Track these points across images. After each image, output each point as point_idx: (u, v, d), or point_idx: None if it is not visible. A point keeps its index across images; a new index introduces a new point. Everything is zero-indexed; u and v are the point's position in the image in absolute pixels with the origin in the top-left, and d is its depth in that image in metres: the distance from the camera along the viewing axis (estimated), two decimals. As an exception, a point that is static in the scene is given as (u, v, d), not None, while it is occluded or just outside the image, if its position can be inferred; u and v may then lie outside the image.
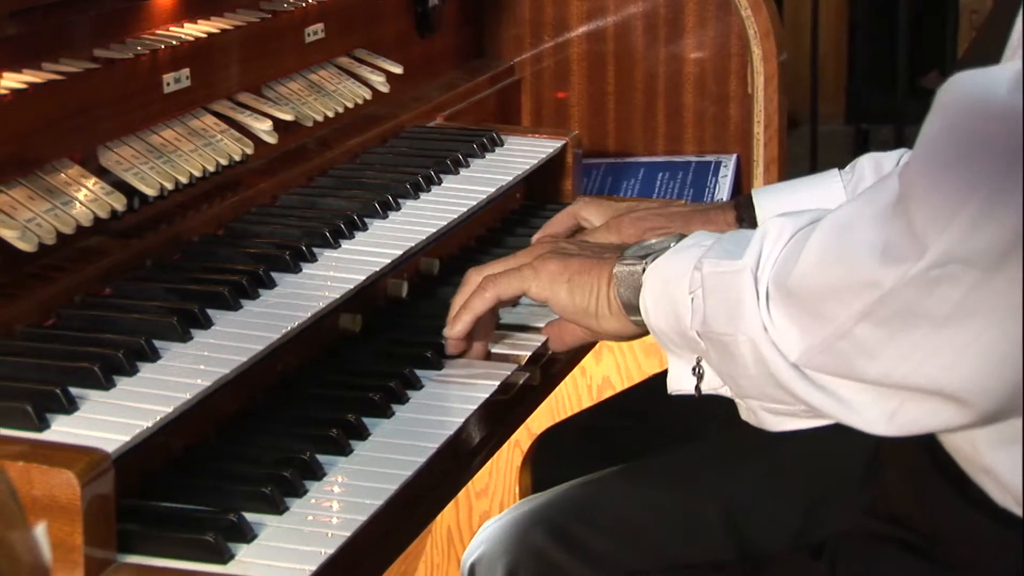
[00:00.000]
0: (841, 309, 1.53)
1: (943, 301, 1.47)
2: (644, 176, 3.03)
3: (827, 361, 1.57)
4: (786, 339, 1.59)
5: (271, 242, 2.10)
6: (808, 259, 1.58)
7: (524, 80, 3.08)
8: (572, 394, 2.82)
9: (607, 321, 1.85)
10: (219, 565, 1.53)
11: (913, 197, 1.50)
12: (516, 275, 1.90)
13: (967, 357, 1.48)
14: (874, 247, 1.52)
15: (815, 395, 1.59)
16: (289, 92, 2.41)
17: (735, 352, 1.65)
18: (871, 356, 1.53)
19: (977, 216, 1.45)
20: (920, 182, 1.50)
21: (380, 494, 1.66)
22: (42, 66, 1.97)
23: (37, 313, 1.84)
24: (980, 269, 1.46)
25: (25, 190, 1.89)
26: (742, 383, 1.67)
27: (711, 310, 1.67)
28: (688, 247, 1.75)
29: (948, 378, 1.50)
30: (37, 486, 1.47)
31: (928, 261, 1.47)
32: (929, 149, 1.51)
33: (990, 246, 1.45)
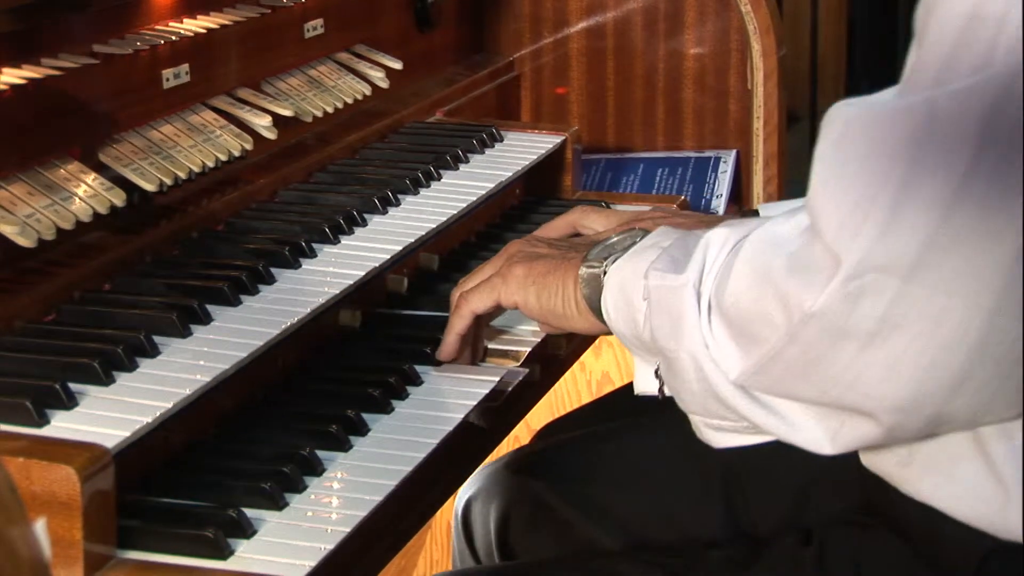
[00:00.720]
0: (771, 331, 1.54)
1: (867, 316, 1.47)
2: (644, 172, 3.03)
3: (764, 381, 1.57)
4: (727, 357, 1.59)
5: (270, 238, 2.10)
6: (737, 279, 1.58)
7: (524, 76, 3.08)
8: (572, 390, 2.82)
9: (576, 321, 1.86)
10: (219, 561, 1.53)
11: (820, 216, 1.50)
12: (486, 287, 1.92)
13: (900, 370, 1.48)
14: (793, 268, 1.52)
15: (758, 413, 1.60)
16: (288, 88, 2.41)
17: (678, 368, 1.65)
18: (804, 377, 1.54)
19: (885, 221, 1.46)
20: (821, 201, 1.51)
21: (380, 490, 1.66)
22: (41, 62, 1.97)
23: (37, 309, 1.84)
24: (898, 277, 1.46)
25: (24, 186, 1.89)
26: (685, 398, 1.68)
27: (656, 323, 1.67)
28: (646, 248, 1.74)
29: (884, 394, 1.50)
30: (37, 482, 1.47)
31: (844, 274, 1.47)
32: (824, 167, 1.52)
33: (903, 250, 1.46)
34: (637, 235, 1.80)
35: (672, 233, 1.76)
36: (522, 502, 2.09)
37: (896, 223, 1.46)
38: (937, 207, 1.45)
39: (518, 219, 2.54)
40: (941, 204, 1.45)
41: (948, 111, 1.46)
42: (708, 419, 1.67)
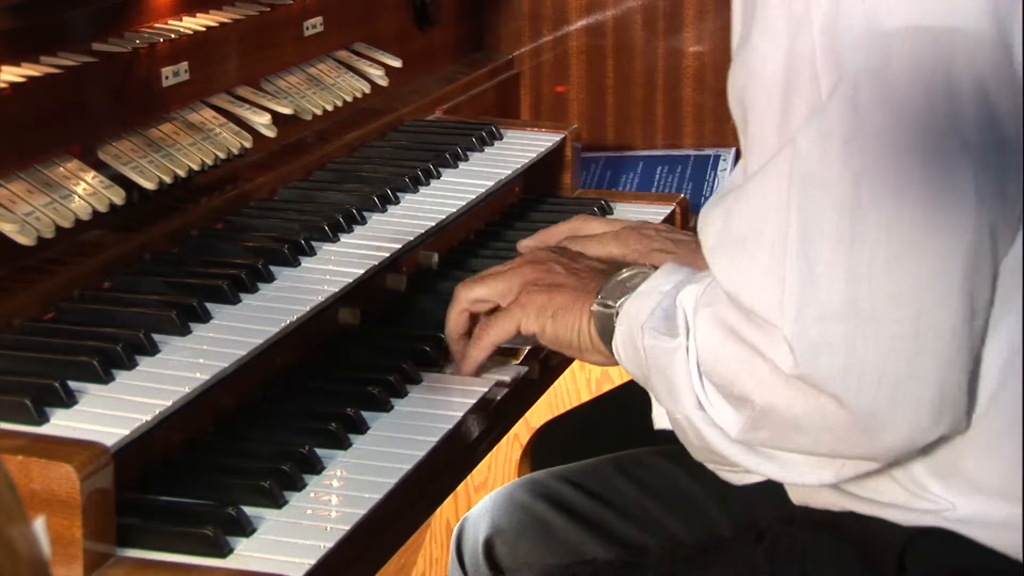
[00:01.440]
0: (758, 387, 1.56)
1: (830, 370, 1.50)
2: (643, 169, 3.03)
3: (763, 436, 1.59)
4: (724, 417, 1.61)
5: (270, 236, 2.10)
6: (706, 345, 1.61)
7: (523, 74, 3.08)
8: (571, 388, 2.82)
9: (590, 355, 1.87)
10: (218, 559, 1.53)
11: (736, 295, 1.55)
12: (507, 318, 1.91)
13: (882, 417, 1.51)
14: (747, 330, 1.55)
15: (762, 465, 1.62)
16: (288, 86, 2.41)
17: (678, 428, 1.67)
18: (797, 430, 1.56)
19: (801, 274, 1.49)
20: (731, 284, 1.56)
21: (379, 488, 1.66)
22: (40, 60, 1.97)
23: (36, 307, 1.84)
24: (839, 322, 1.49)
25: (23, 184, 1.88)
26: (692, 452, 1.70)
27: (654, 384, 1.69)
28: (650, 291, 1.75)
29: (876, 440, 1.53)
30: (36, 480, 1.47)
31: (791, 337, 1.50)
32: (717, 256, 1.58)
33: (830, 292, 1.49)
34: (648, 272, 1.80)
35: (673, 274, 1.75)
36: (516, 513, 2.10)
37: (813, 272, 1.49)
38: (843, 241, 1.48)
39: (518, 217, 2.54)
40: (845, 237, 1.48)
41: (809, 148, 1.49)
42: (719, 467, 1.69)
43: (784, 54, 1.51)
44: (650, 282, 1.77)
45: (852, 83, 1.48)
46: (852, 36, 1.48)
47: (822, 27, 1.49)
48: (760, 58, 1.54)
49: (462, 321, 1.97)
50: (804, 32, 1.50)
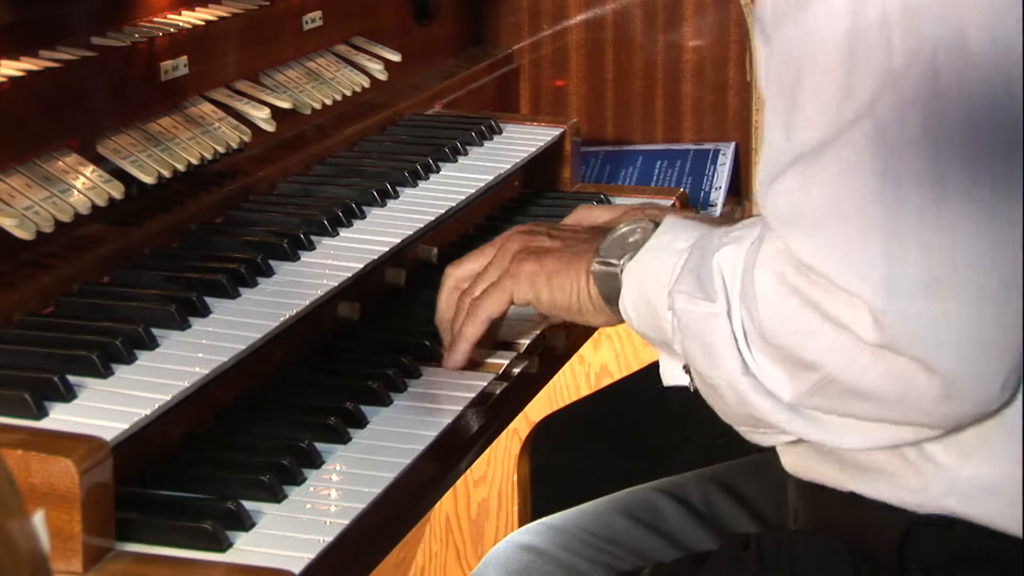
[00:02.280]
0: (828, 354, 1.53)
1: (912, 340, 1.48)
2: (642, 164, 3.03)
3: (822, 402, 1.57)
4: (775, 383, 1.58)
5: (269, 230, 2.10)
6: (768, 312, 1.57)
7: (522, 68, 3.08)
8: (570, 382, 2.82)
9: (592, 316, 1.84)
10: (217, 553, 1.53)
11: (818, 267, 1.52)
12: (498, 289, 1.89)
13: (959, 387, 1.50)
14: (826, 296, 1.52)
15: (809, 429, 1.60)
16: (287, 80, 2.41)
17: (716, 391, 1.64)
18: (863, 398, 1.55)
19: (886, 247, 1.48)
20: (813, 255, 1.52)
21: (378, 482, 1.66)
22: (39, 54, 1.97)
23: (35, 301, 1.83)
24: (924, 297, 1.48)
25: (23, 178, 1.88)
26: (727, 416, 1.67)
27: (690, 348, 1.65)
28: (661, 247, 1.72)
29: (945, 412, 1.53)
30: (35, 474, 1.47)
31: (877, 311, 1.48)
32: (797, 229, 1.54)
33: (916, 269, 1.47)
34: (648, 227, 1.77)
35: (683, 231, 1.73)
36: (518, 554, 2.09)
37: (898, 244, 1.47)
38: (927, 213, 1.47)
39: (517, 211, 2.54)
40: (929, 209, 1.47)
41: (888, 115, 1.48)
42: (754, 429, 1.67)
43: (850, 18, 1.49)
44: (659, 238, 1.74)
45: (931, 52, 1.46)
46: (928, 5, 1.47)
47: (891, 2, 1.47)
48: (821, 20, 1.50)
49: (453, 301, 1.95)
50: (870, 2, 1.48)
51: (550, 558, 2.06)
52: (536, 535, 2.11)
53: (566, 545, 2.08)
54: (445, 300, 1.96)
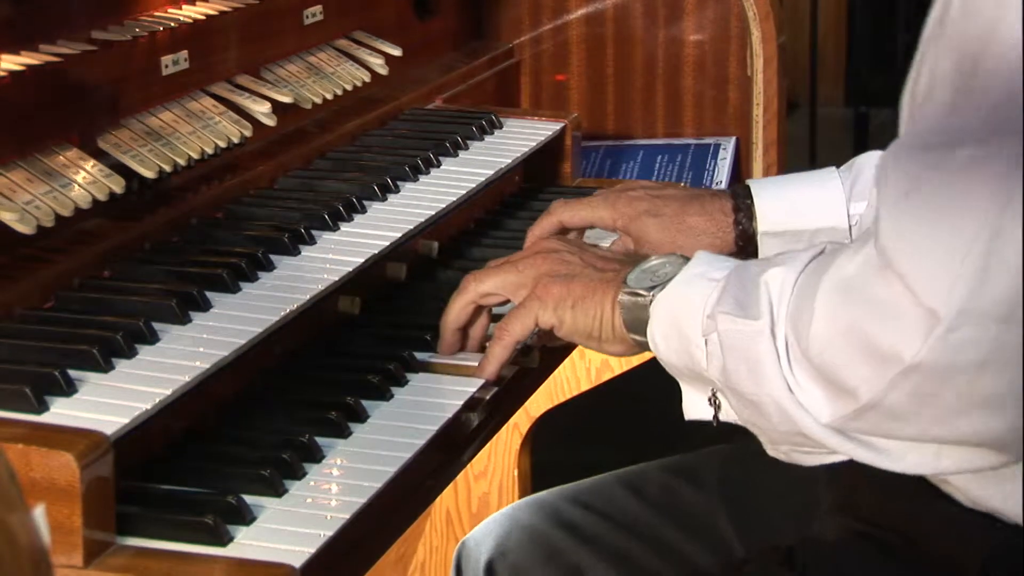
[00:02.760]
0: (864, 382, 1.52)
1: (967, 363, 1.47)
2: (643, 159, 3.03)
3: (861, 426, 1.56)
4: (815, 402, 1.57)
5: (270, 225, 2.10)
6: (819, 328, 1.56)
7: (523, 62, 3.08)
8: (571, 377, 2.82)
9: (611, 345, 1.84)
10: (218, 547, 1.53)
11: (907, 272, 1.49)
12: (525, 312, 1.87)
13: (1000, 409, 1.48)
14: (883, 319, 1.50)
15: (852, 449, 1.59)
16: (288, 74, 2.41)
17: (760, 410, 1.63)
18: (904, 421, 1.53)
19: (979, 270, 1.45)
20: (904, 255, 1.49)
21: (379, 477, 1.66)
22: (40, 48, 1.97)
23: (36, 295, 1.84)
24: (996, 321, 1.45)
25: (24, 172, 1.88)
26: (770, 434, 1.66)
27: (731, 368, 1.64)
28: (695, 278, 1.72)
29: (985, 432, 1.51)
30: (36, 468, 1.47)
31: (944, 327, 1.46)
32: (897, 220, 1.50)
33: (1000, 296, 1.45)
34: (678, 260, 1.77)
35: (717, 263, 1.73)
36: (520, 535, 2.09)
37: (990, 271, 1.45)
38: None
39: (517, 206, 2.54)
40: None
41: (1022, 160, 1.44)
42: (797, 448, 1.66)
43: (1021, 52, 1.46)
44: (691, 270, 1.73)
45: None
46: None
47: None
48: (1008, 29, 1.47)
49: (466, 313, 1.95)
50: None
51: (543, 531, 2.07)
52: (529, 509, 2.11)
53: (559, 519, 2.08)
54: (459, 309, 1.95)
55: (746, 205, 2.11)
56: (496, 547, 2.08)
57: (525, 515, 2.10)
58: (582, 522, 2.04)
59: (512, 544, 2.06)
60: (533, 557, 2.05)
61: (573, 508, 2.07)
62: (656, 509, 2.04)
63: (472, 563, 2.11)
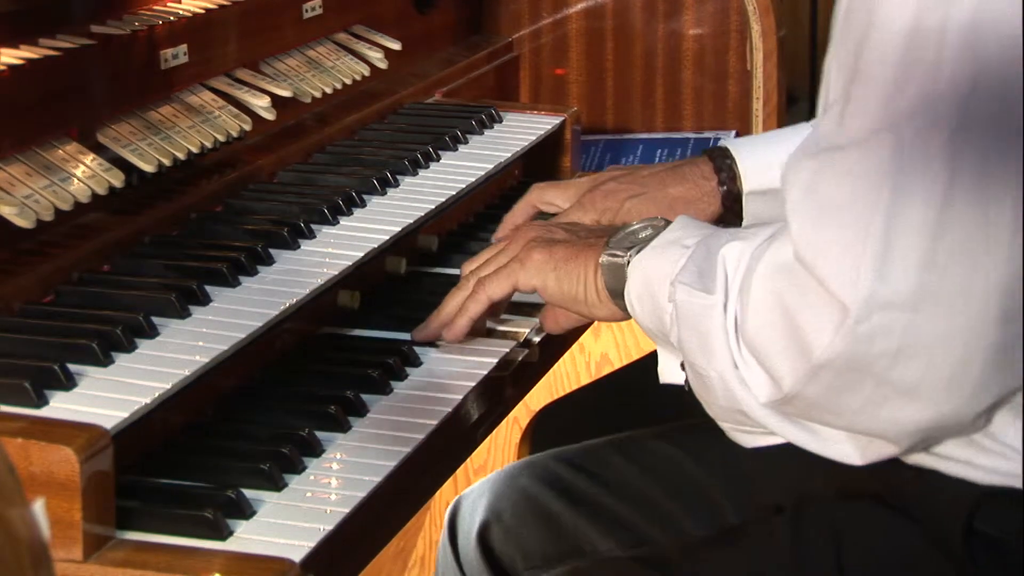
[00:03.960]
0: (789, 373, 1.55)
1: (881, 353, 1.49)
2: (643, 153, 3.02)
3: (792, 410, 1.58)
4: (756, 381, 1.59)
5: (269, 219, 2.10)
6: (756, 312, 1.58)
7: (523, 56, 3.08)
8: (571, 371, 2.82)
9: (597, 308, 1.85)
10: (218, 541, 1.53)
11: (814, 266, 1.51)
12: (504, 273, 1.90)
13: (921, 395, 1.51)
14: (803, 308, 1.53)
15: (789, 430, 1.61)
16: (287, 68, 2.41)
17: (706, 383, 1.65)
18: (828, 410, 1.56)
19: (879, 259, 1.48)
20: (811, 252, 1.52)
21: (379, 471, 1.66)
22: (39, 42, 1.97)
23: (35, 290, 1.83)
24: (904, 310, 1.48)
25: (22, 166, 1.88)
26: (714, 409, 1.68)
27: (684, 337, 1.66)
28: (669, 244, 1.73)
29: (908, 418, 1.53)
30: (35, 462, 1.47)
31: (852, 319, 1.49)
32: (803, 218, 1.53)
33: (903, 283, 1.47)
34: (660, 224, 1.78)
35: (694, 228, 1.74)
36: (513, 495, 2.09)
37: (890, 259, 1.48)
38: (925, 233, 1.47)
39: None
40: (928, 229, 1.47)
41: (914, 138, 1.48)
42: (738, 426, 1.67)
43: (911, 21, 1.48)
44: (668, 234, 1.74)
45: (971, 82, 1.46)
46: (985, 33, 1.46)
47: (961, 10, 1.46)
48: (887, 15, 1.49)
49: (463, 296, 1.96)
50: (937, 6, 1.47)
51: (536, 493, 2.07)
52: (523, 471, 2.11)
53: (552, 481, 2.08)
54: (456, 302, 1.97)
55: (727, 165, 2.12)
56: (490, 509, 2.09)
57: (519, 477, 2.11)
58: (575, 485, 2.05)
59: (506, 505, 2.07)
60: (526, 519, 2.05)
61: (566, 470, 2.08)
62: (649, 474, 2.05)
63: (465, 524, 2.11)
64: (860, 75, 1.52)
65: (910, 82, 1.48)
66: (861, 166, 1.50)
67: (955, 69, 1.46)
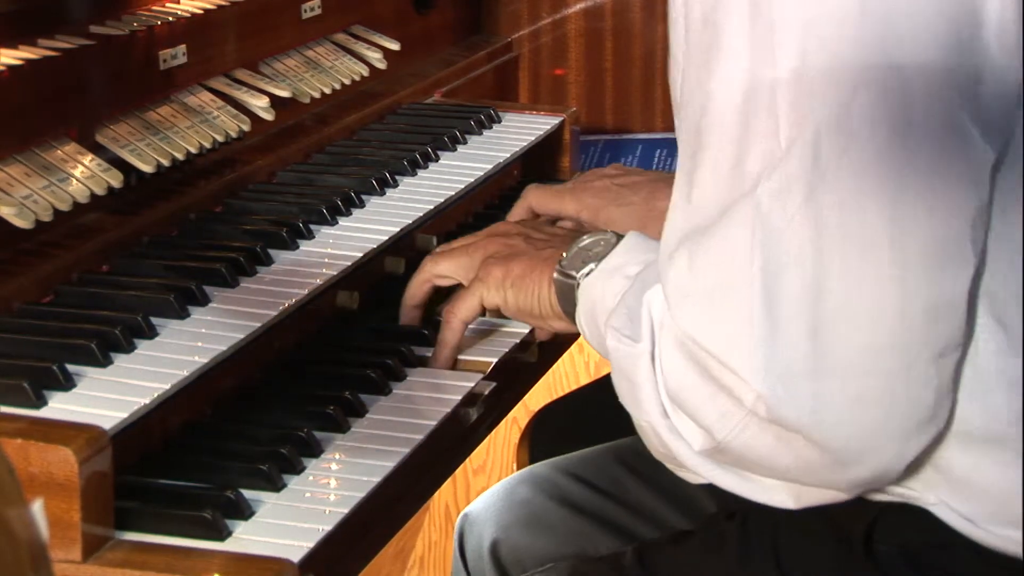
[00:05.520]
0: (716, 422, 1.52)
1: (797, 419, 1.47)
2: (642, 152, 3.02)
3: (726, 459, 1.57)
4: (688, 430, 1.57)
5: (268, 219, 2.10)
6: (670, 372, 1.56)
7: (522, 56, 3.08)
8: (570, 371, 2.82)
9: (553, 322, 1.85)
10: (217, 542, 1.53)
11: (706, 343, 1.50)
12: (469, 295, 1.91)
13: (848, 456, 1.49)
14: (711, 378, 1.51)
15: (723, 478, 1.59)
16: (286, 68, 2.41)
17: (641, 431, 1.63)
18: (761, 465, 1.54)
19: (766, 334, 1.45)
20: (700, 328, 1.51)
21: (378, 471, 1.66)
22: (38, 42, 1.97)
23: (34, 290, 1.83)
24: (807, 378, 1.46)
25: (21, 167, 1.88)
26: (653, 452, 1.66)
27: (616, 384, 1.65)
28: (614, 270, 1.70)
29: (836, 479, 1.52)
30: (34, 463, 1.47)
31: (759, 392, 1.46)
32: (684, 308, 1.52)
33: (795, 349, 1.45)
34: (611, 240, 1.75)
35: (638, 253, 1.70)
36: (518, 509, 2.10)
37: (777, 332, 1.45)
38: (805, 298, 1.45)
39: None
40: (807, 293, 1.44)
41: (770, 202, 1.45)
42: (678, 469, 1.65)
43: (744, 83, 1.45)
44: (614, 258, 1.71)
45: (813, 134, 1.43)
46: (813, 83, 1.42)
47: (786, 67, 1.43)
48: (721, 79, 1.46)
49: (422, 292, 2.00)
50: (765, 63, 1.43)
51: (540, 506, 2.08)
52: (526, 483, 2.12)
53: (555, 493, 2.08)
54: (416, 287, 2.00)
55: None
56: (497, 526, 2.09)
57: (522, 490, 2.12)
58: (578, 496, 2.06)
59: (512, 521, 2.07)
60: (532, 534, 2.06)
61: (568, 481, 2.09)
62: (648, 482, 2.05)
63: (474, 542, 2.12)
64: (703, 147, 1.49)
65: (754, 141, 1.45)
66: (726, 245, 1.47)
67: (793, 125, 1.43)
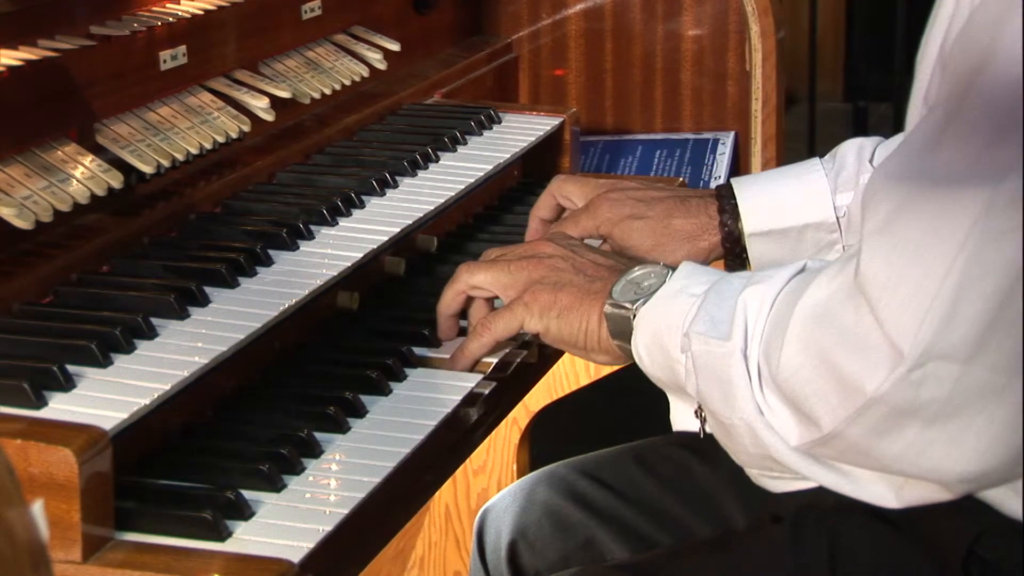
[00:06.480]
0: (828, 413, 1.53)
1: (930, 401, 1.48)
2: (642, 153, 3.02)
3: (827, 452, 1.57)
4: (785, 426, 1.58)
5: (268, 220, 2.10)
6: (789, 356, 1.56)
7: (522, 57, 3.08)
8: (570, 372, 2.82)
9: (597, 355, 1.85)
10: (217, 542, 1.53)
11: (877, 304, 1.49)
12: (511, 315, 1.89)
13: (961, 447, 1.49)
14: (850, 349, 1.51)
15: (820, 474, 1.59)
16: (286, 69, 2.41)
17: (732, 432, 1.64)
18: (867, 454, 1.54)
19: (946, 312, 1.45)
20: (876, 288, 1.49)
21: (378, 472, 1.66)
22: (38, 43, 1.97)
23: (34, 291, 1.83)
24: (959, 362, 1.46)
25: (21, 167, 1.88)
26: (741, 457, 1.67)
27: (704, 389, 1.65)
28: (676, 293, 1.71)
29: (946, 468, 1.52)
30: (34, 463, 1.47)
31: (907, 365, 1.47)
32: (875, 250, 1.50)
33: (964, 337, 1.45)
34: (663, 272, 1.77)
35: (700, 276, 1.73)
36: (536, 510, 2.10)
37: (957, 313, 1.45)
38: (996, 299, 1.45)
39: (516, 201, 2.54)
40: (1000, 296, 1.45)
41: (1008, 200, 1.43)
42: (766, 472, 1.66)
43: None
44: (674, 283, 1.73)
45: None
46: None
47: None
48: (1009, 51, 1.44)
49: (457, 302, 1.96)
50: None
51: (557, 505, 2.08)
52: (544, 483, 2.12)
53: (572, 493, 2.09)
54: (451, 297, 1.96)
55: (731, 206, 2.10)
56: (515, 526, 2.10)
57: (540, 490, 2.13)
58: (594, 496, 2.06)
59: (530, 521, 2.08)
60: (551, 534, 2.07)
61: (585, 481, 2.09)
62: (665, 484, 2.05)
63: (492, 539, 2.13)
64: (969, 104, 1.47)
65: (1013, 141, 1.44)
66: (948, 212, 1.46)
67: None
